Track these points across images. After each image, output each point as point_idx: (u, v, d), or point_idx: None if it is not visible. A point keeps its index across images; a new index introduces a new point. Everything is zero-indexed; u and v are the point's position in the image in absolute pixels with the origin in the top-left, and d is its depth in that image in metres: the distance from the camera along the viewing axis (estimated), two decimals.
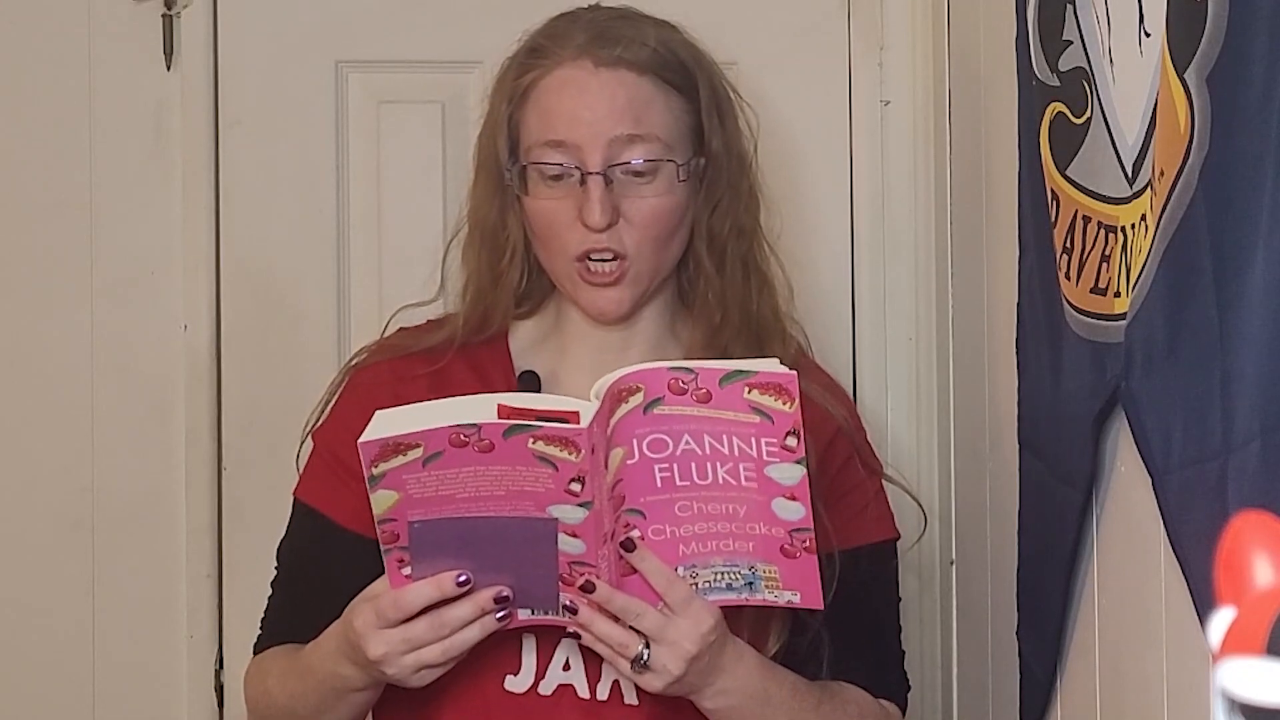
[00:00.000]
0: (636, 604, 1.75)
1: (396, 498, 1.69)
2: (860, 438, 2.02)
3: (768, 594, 1.78)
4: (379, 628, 1.75)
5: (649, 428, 1.71)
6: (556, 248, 1.90)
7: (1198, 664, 1.47)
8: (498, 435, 1.66)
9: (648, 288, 1.93)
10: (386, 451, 1.66)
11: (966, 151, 2.34)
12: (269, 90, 2.58)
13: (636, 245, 1.89)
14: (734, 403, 1.70)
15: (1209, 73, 1.36)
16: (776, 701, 1.83)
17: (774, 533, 1.75)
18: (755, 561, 1.76)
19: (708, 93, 1.93)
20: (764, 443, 1.71)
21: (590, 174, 1.86)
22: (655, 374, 1.70)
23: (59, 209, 2.57)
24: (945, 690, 2.49)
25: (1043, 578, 1.91)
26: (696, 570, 1.77)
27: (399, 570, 1.73)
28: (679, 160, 1.90)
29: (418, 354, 1.96)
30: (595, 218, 1.86)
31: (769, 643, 1.87)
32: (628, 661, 1.76)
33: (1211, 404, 1.36)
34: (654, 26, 1.94)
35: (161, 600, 2.58)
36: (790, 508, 1.74)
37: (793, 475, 1.72)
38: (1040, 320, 1.84)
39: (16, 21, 2.56)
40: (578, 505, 1.69)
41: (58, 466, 2.57)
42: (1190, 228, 1.39)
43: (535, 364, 1.96)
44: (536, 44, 1.93)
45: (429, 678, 1.78)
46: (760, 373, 1.70)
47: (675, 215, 1.91)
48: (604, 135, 1.87)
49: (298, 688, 1.90)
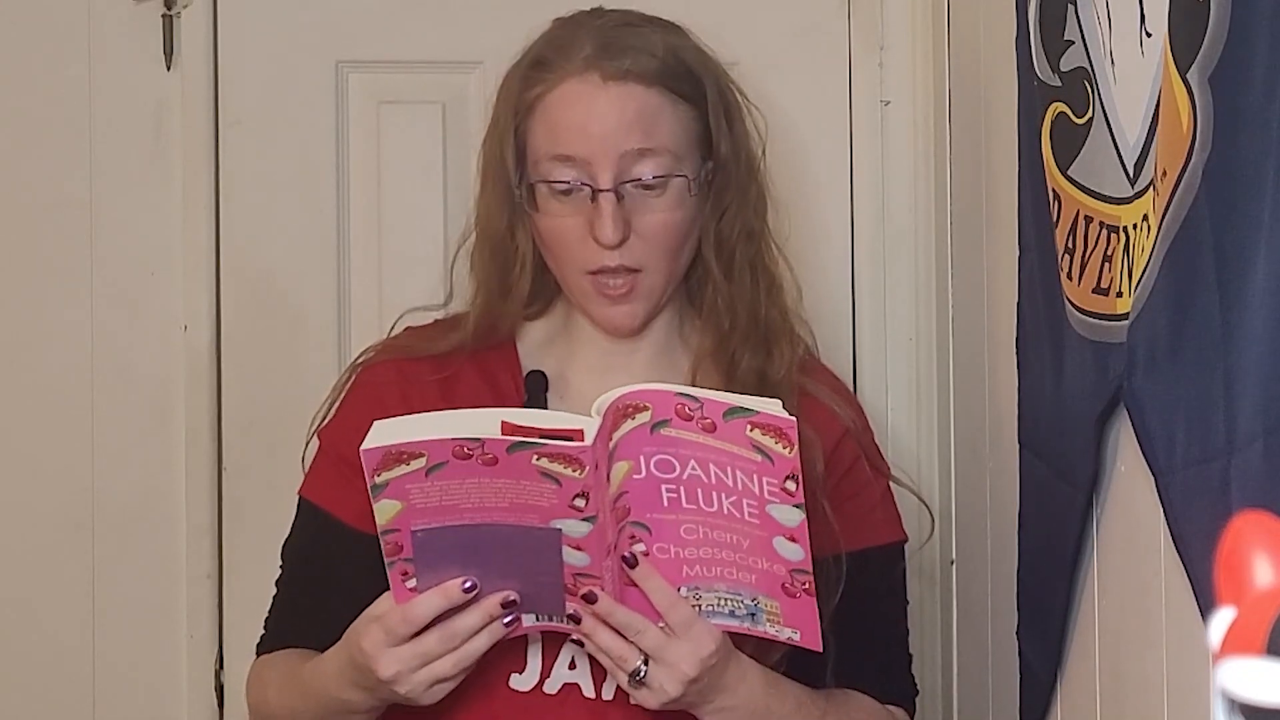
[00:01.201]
0: (639, 620, 1.73)
1: (400, 507, 1.68)
2: (867, 439, 2.01)
3: (769, 627, 1.77)
4: (389, 646, 1.72)
5: (656, 447, 1.70)
6: (567, 262, 1.89)
7: (1198, 664, 1.47)
8: (501, 450, 1.65)
9: (660, 299, 1.92)
10: (389, 460, 1.65)
11: (966, 151, 2.33)
12: (269, 90, 2.58)
13: (648, 259, 1.88)
14: (737, 438, 1.69)
15: (1211, 73, 1.36)
16: (780, 717, 1.82)
17: (775, 570, 1.74)
18: (758, 594, 1.76)
19: (715, 98, 1.92)
20: (765, 481, 1.70)
21: (601, 191, 1.85)
22: (663, 396, 1.70)
23: (59, 209, 2.56)
24: (945, 690, 2.49)
25: (1044, 578, 1.91)
26: (700, 592, 1.76)
27: (403, 584, 1.72)
28: (689, 174, 1.89)
29: (427, 358, 1.95)
30: (608, 235, 1.85)
31: (774, 651, 1.85)
32: (626, 675, 1.75)
33: (1214, 404, 1.35)
34: (661, 33, 1.92)
35: (161, 600, 2.58)
36: (791, 549, 1.73)
37: (792, 518, 1.72)
38: (1042, 320, 1.84)
39: (16, 21, 2.56)
40: (582, 520, 1.68)
41: (58, 467, 2.57)
42: (1193, 228, 1.39)
43: (543, 365, 1.96)
44: (542, 55, 1.91)
45: (441, 693, 1.76)
46: (762, 413, 1.69)
47: (686, 227, 1.90)
48: (614, 150, 1.85)
49: (298, 706, 1.89)
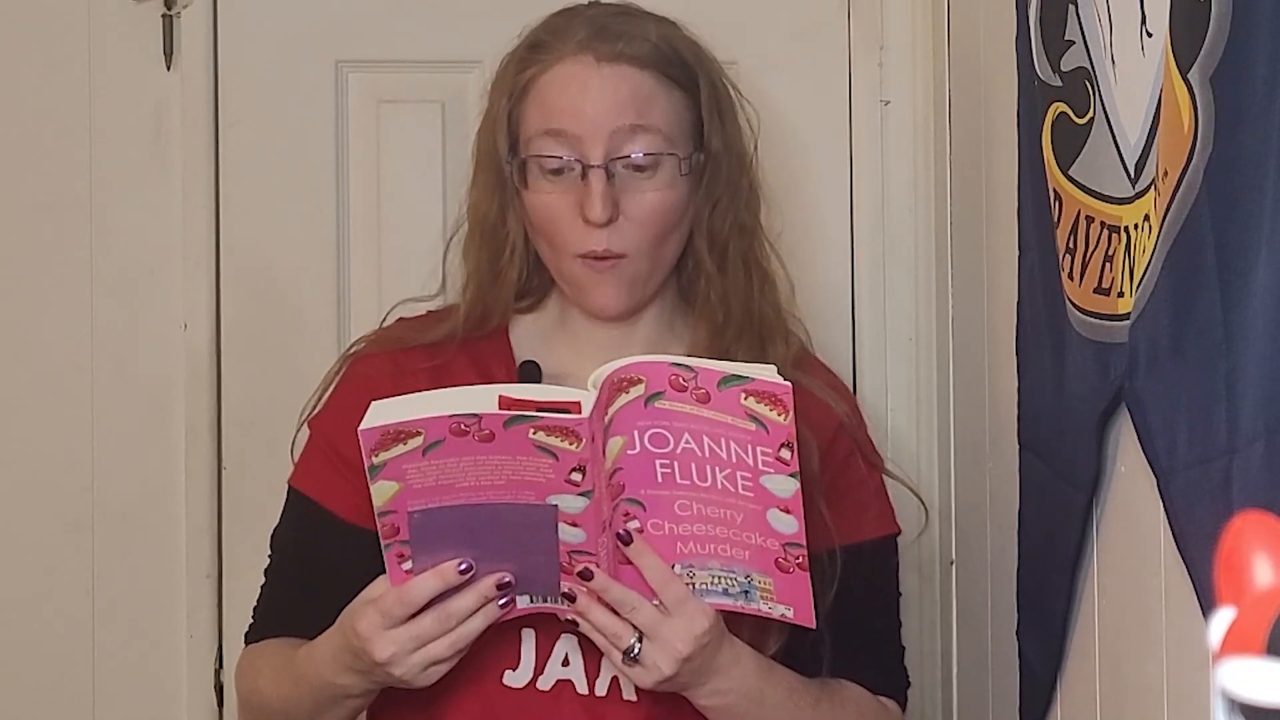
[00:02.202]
0: (633, 597, 1.74)
1: (397, 488, 1.68)
2: (862, 434, 2.02)
3: (762, 605, 1.78)
4: (385, 628, 1.74)
5: (649, 421, 1.71)
6: (558, 243, 1.90)
7: (1198, 664, 1.47)
8: (498, 425, 1.65)
9: (645, 287, 1.93)
10: (387, 440, 1.66)
11: (966, 151, 2.34)
12: (269, 90, 2.58)
13: (635, 242, 1.89)
14: (731, 407, 1.70)
15: (1213, 72, 1.36)
16: (773, 702, 1.83)
17: (769, 545, 1.74)
18: (751, 571, 1.76)
19: (708, 90, 1.93)
20: (759, 451, 1.71)
21: (592, 167, 1.86)
22: (656, 368, 1.70)
23: (59, 209, 2.56)
24: (945, 690, 2.49)
25: (1044, 578, 1.91)
26: (694, 570, 1.76)
27: (399, 566, 1.73)
28: (680, 154, 1.90)
29: (418, 348, 1.96)
30: (597, 212, 1.86)
31: (770, 640, 1.87)
32: (620, 653, 1.76)
33: (1216, 403, 1.35)
34: (655, 23, 1.94)
35: (161, 600, 2.58)
36: (785, 521, 1.73)
37: (787, 488, 1.72)
38: (1042, 320, 1.84)
39: (16, 21, 2.56)
40: (578, 495, 1.69)
41: (58, 466, 2.57)
42: (1194, 227, 1.39)
43: (536, 357, 1.96)
44: (537, 39, 1.93)
45: (435, 675, 1.77)
46: (757, 380, 1.69)
47: (675, 211, 1.91)
48: (606, 127, 1.86)
49: (291, 693, 1.89)
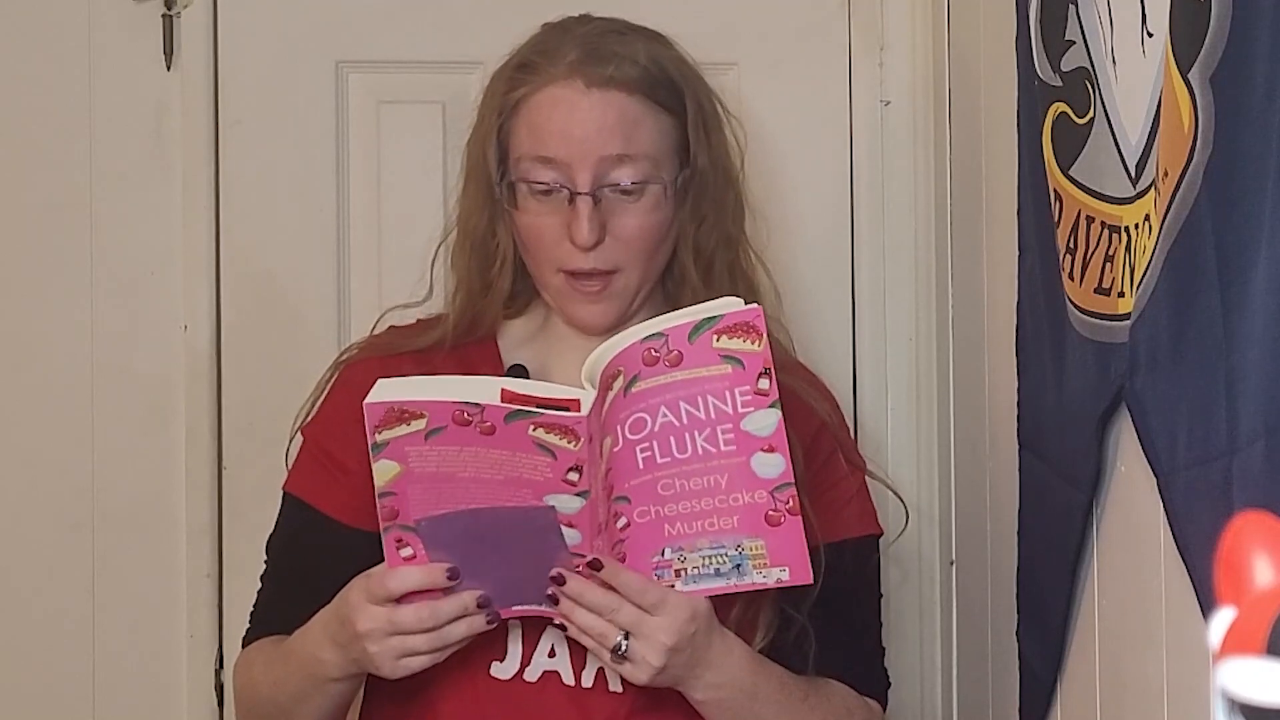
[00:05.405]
0: (612, 599, 1.77)
1: (398, 469, 1.70)
2: (843, 434, 2.05)
3: (757, 575, 1.79)
4: (369, 603, 1.77)
5: (629, 410, 1.73)
6: (544, 260, 1.93)
7: (1198, 664, 1.47)
8: (499, 419, 1.67)
9: (633, 299, 1.95)
10: (390, 418, 1.68)
11: (966, 151, 2.34)
12: (269, 90, 2.58)
13: (623, 260, 1.92)
14: (705, 358, 1.73)
15: (1213, 73, 1.36)
16: (764, 695, 1.86)
17: (757, 499, 1.76)
18: (741, 539, 1.78)
19: (695, 109, 1.96)
20: (738, 393, 1.73)
21: (579, 194, 1.89)
22: (630, 352, 1.73)
23: (59, 209, 2.56)
24: (945, 690, 2.49)
25: (1044, 578, 1.91)
26: (684, 554, 1.78)
27: (396, 551, 1.75)
28: (666, 179, 1.93)
29: (408, 354, 1.99)
30: (584, 237, 1.89)
31: (755, 638, 1.89)
32: (608, 653, 1.78)
33: (1216, 403, 1.36)
34: (644, 42, 1.96)
35: (161, 600, 2.58)
36: (770, 461, 1.75)
37: (768, 422, 1.74)
38: (1042, 320, 1.84)
39: (16, 21, 2.56)
40: (575, 495, 1.71)
41: (58, 467, 2.57)
42: (1194, 227, 1.39)
43: (524, 361, 1.98)
44: (527, 59, 1.95)
45: (410, 668, 1.79)
46: (726, 315, 1.72)
47: (661, 230, 1.94)
48: (593, 154, 1.89)
49: (280, 673, 1.92)
